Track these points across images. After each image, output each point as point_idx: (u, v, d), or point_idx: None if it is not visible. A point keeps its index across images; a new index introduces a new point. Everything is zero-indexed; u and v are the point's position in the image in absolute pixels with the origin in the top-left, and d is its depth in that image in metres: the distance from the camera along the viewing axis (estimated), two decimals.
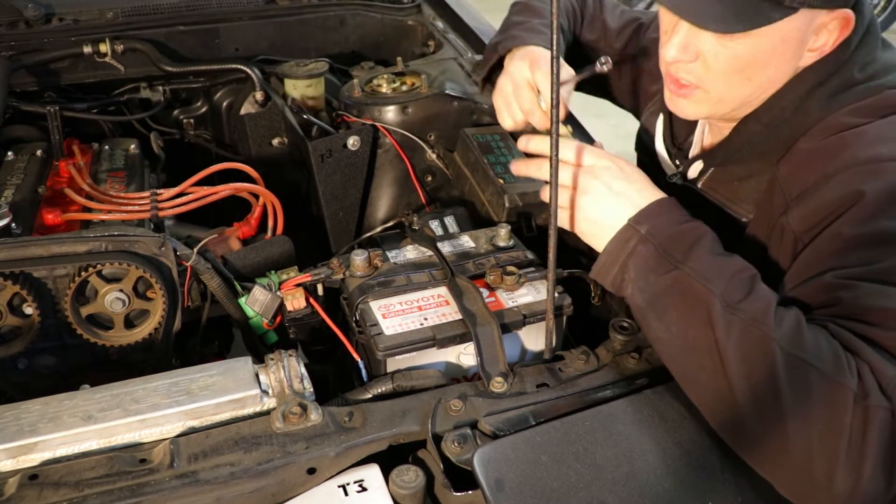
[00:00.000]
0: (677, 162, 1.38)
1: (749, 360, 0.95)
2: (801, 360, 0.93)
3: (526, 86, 1.37)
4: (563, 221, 1.16)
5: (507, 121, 1.43)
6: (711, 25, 1.08)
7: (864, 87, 1.12)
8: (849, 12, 1.09)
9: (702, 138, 1.34)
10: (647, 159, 1.49)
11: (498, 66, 1.54)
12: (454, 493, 0.94)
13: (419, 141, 1.67)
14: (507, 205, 1.46)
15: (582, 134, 1.62)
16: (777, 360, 0.94)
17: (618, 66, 1.59)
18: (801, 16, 1.06)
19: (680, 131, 1.40)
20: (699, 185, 1.30)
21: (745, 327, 0.96)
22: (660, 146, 1.43)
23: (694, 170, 1.31)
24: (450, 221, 1.52)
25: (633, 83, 1.60)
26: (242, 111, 1.90)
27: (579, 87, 1.67)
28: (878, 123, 1.08)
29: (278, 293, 1.27)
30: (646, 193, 1.12)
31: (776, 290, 1.04)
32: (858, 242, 1.00)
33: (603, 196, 1.12)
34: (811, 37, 1.10)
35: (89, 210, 1.42)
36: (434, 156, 1.69)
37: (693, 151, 1.36)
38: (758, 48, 1.09)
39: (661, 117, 1.43)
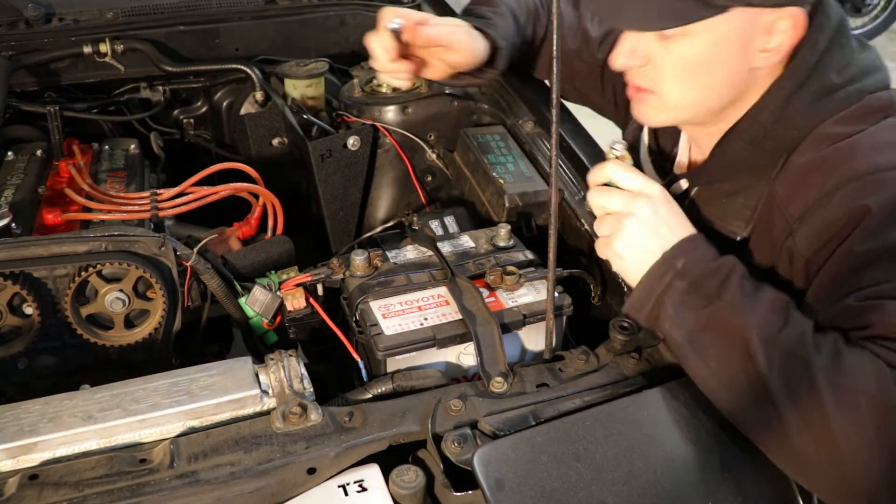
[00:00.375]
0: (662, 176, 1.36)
1: (794, 390, 0.94)
2: (844, 386, 0.92)
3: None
4: (600, 251, 1.15)
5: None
6: (633, 24, 1.09)
7: (845, 92, 1.10)
8: (797, 10, 1.07)
9: (687, 154, 1.33)
10: None
11: None
12: (454, 493, 0.94)
13: (419, 141, 1.67)
14: (507, 205, 1.46)
15: (581, 136, 1.60)
16: (821, 387, 0.93)
17: (601, 77, 1.58)
18: (738, 15, 1.05)
19: (665, 143, 1.38)
20: (685, 202, 1.26)
21: (787, 357, 0.95)
22: (645, 160, 1.41)
23: (680, 185, 1.29)
24: (450, 221, 1.52)
25: (614, 94, 1.58)
26: (242, 111, 1.89)
27: (568, 95, 1.67)
28: (868, 132, 1.07)
29: (278, 293, 1.27)
30: (676, 229, 1.10)
31: None
32: (873, 259, 0.99)
33: (635, 233, 1.09)
34: (760, 37, 1.08)
35: (89, 210, 1.42)
36: (434, 156, 1.69)
37: (678, 168, 1.34)
38: (698, 49, 1.08)
39: (645, 129, 1.41)
